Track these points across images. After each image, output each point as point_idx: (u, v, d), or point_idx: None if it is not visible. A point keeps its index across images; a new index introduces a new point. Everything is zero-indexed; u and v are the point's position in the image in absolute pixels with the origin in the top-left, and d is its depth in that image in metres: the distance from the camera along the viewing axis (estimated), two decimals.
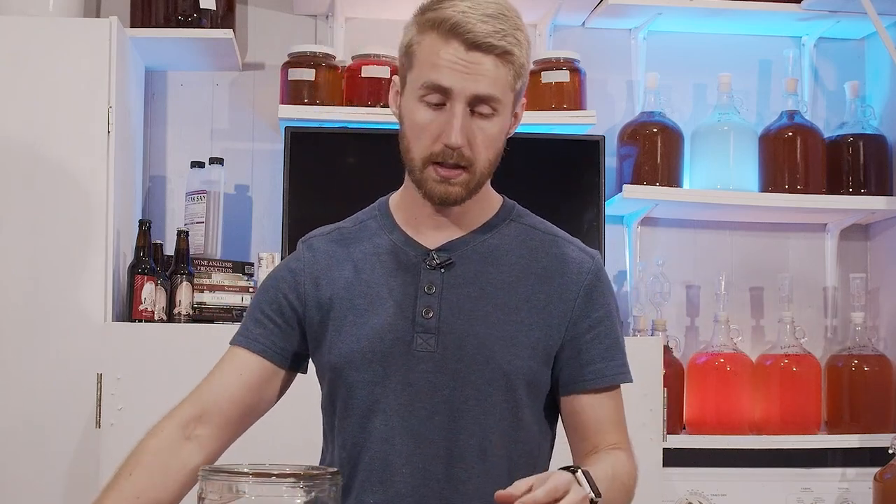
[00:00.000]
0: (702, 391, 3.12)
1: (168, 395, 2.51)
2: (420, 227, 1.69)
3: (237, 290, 2.88)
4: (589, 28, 3.33)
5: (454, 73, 1.56)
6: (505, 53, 1.57)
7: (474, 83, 1.56)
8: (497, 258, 1.67)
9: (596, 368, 1.66)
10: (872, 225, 3.37)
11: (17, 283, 2.67)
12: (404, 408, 1.62)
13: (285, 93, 3.06)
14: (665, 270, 3.18)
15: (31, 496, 2.62)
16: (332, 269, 1.70)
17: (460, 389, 1.61)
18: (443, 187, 1.60)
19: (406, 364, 1.62)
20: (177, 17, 2.99)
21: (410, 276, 1.66)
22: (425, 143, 1.59)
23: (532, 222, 1.73)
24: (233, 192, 3.19)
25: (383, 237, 1.70)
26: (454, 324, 1.63)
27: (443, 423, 1.61)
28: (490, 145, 1.61)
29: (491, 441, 1.62)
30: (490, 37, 1.55)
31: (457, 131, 1.56)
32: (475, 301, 1.64)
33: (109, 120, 2.72)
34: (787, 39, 3.37)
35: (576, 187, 3.06)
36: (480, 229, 1.69)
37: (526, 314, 1.64)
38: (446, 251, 1.67)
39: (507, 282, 1.66)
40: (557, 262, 1.68)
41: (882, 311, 3.30)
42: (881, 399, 3.14)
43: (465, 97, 1.56)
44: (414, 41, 1.61)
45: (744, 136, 3.21)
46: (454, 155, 1.58)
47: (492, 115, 1.59)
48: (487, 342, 1.62)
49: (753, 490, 3.09)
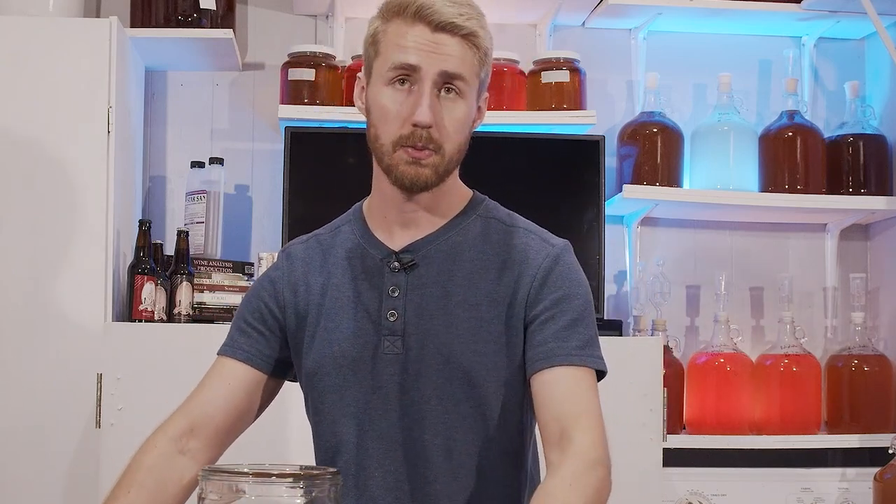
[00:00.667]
0: (702, 391, 3.12)
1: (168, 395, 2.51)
2: (390, 226, 1.68)
3: (237, 290, 2.88)
4: (589, 28, 3.33)
5: (421, 52, 1.57)
6: (470, 35, 1.58)
7: (442, 61, 1.57)
8: (459, 255, 1.66)
9: (547, 348, 1.59)
10: (872, 225, 3.37)
11: (16, 283, 2.67)
12: (374, 411, 1.62)
13: (285, 93, 3.06)
14: (665, 270, 3.18)
15: (31, 496, 2.63)
16: (308, 277, 1.70)
17: (423, 390, 1.61)
18: (413, 169, 1.59)
19: (374, 368, 1.62)
20: (177, 17, 2.99)
21: (376, 279, 1.66)
22: (394, 126, 1.59)
23: (498, 215, 1.71)
24: (233, 192, 3.19)
25: (354, 241, 1.70)
26: (418, 325, 1.62)
27: (409, 425, 1.61)
28: (458, 129, 1.61)
29: (456, 440, 1.61)
30: (455, 18, 1.57)
31: (425, 108, 1.57)
32: (438, 300, 1.63)
33: (109, 120, 2.72)
34: (787, 39, 3.37)
35: (576, 187, 3.06)
36: (445, 227, 1.68)
37: (486, 309, 1.62)
38: (410, 252, 1.66)
39: (469, 278, 1.64)
40: (517, 252, 1.65)
41: (882, 311, 3.30)
42: (881, 399, 3.14)
43: (432, 75, 1.57)
44: (379, 30, 1.62)
45: (744, 136, 3.21)
46: (423, 135, 1.58)
47: (458, 97, 1.60)
48: (448, 341, 1.61)
49: (753, 490, 3.09)
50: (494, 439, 1.63)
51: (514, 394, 1.64)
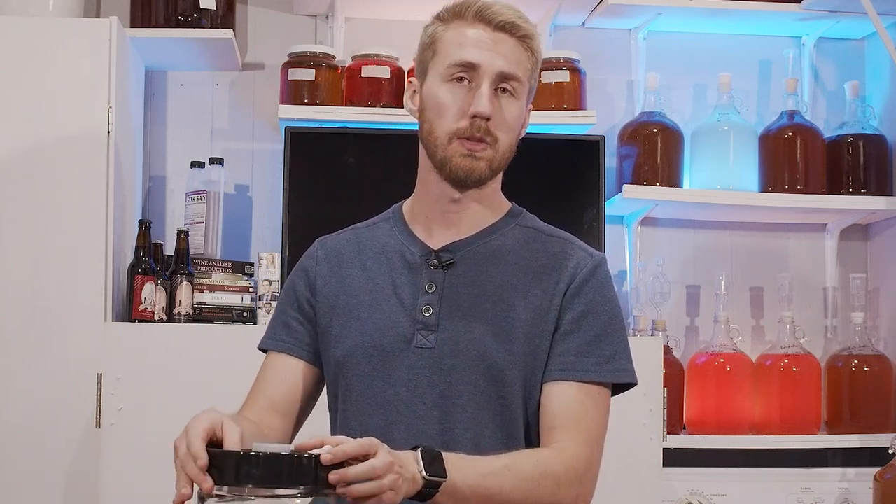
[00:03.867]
0: (702, 391, 3.12)
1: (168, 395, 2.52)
2: (430, 226, 1.72)
3: (237, 290, 2.88)
4: (589, 28, 3.33)
5: (481, 50, 1.64)
6: (527, 37, 1.67)
7: (501, 59, 1.64)
8: (498, 259, 1.70)
9: (567, 361, 1.64)
10: (872, 225, 3.37)
11: (17, 283, 2.67)
12: (403, 403, 1.64)
13: (285, 93, 3.06)
14: (665, 270, 3.18)
15: (31, 496, 2.63)
16: (342, 268, 1.75)
17: (455, 385, 1.63)
18: (468, 161, 1.64)
19: (405, 360, 1.65)
20: (177, 17, 2.99)
21: (414, 275, 1.69)
22: (451, 120, 1.64)
23: (537, 226, 1.77)
24: (233, 192, 3.19)
25: (393, 237, 1.75)
26: (452, 321, 1.65)
27: (439, 418, 1.63)
28: (510, 127, 1.67)
29: (485, 435, 1.63)
30: (514, 19, 1.66)
31: (485, 100, 1.62)
32: (474, 299, 1.67)
33: (109, 120, 2.72)
34: (787, 39, 3.37)
35: (576, 187, 3.06)
36: (485, 231, 1.72)
37: (521, 311, 1.66)
38: (449, 251, 1.70)
39: (507, 280, 1.68)
40: (556, 260, 1.70)
41: (882, 311, 3.30)
42: (881, 399, 3.14)
43: (492, 72, 1.63)
44: (438, 32, 1.68)
45: (744, 136, 3.21)
46: (482, 127, 1.63)
47: (512, 97, 1.66)
48: (482, 338, 1.64)
49: (753, 490, 3.09)
50: (518, 438, 1.65)
51: (538, 396, 1.67)
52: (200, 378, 2.62)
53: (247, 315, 2.86)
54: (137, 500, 2.56)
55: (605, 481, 1.69)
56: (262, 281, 2.86)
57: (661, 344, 2.82)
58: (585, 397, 1.64)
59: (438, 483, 1.45)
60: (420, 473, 1.44)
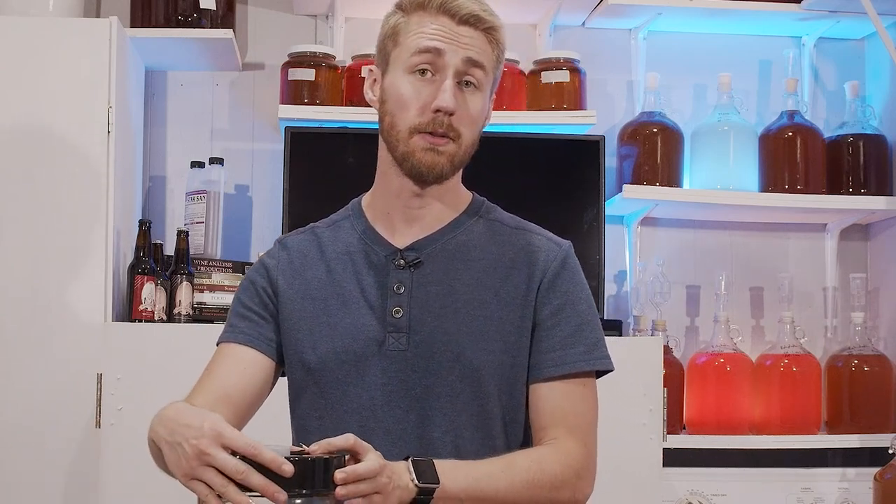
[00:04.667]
0: (702, 391, 3.12)
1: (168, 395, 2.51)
2: (393, 223, 1.69)
3: (237, 290, 2.88)
4: (589, 28, 3.33)
5: (445, 40, 1.60)
6: (491, 29, 1.63)
7: (465, 49, 1.61)
8: (465, 255, 1.68)
9: (555, 356, 1.64)
10: (872, 225, 3.37)
11: (17, 283, 2.67)
12: (379, 407, 1.62)
13: (285, 93, 3.06)
14: (665, 270, 3.17)
15: (31, 496, 2.63)
16: (305, 269, 1.71)
17: (431, 387, 1.62)
18: (430, 156, 1.61)
19: (379, 364, 1.63)
20: (177, 17, 2.99)
21: (380, 276, 1.67)
22: (412, 113, 1.61)
23: (500, 217, 1.74)
24: (233, 192, 3.19)
25: (354, 236, 1.71)
26: (424, 322, 1.63)
27: (416, 421, 1.62)
28: (473, 121, 1.64)
29: (464, 437, 1.62)
30: (478, 12, 1.62)
31: (448, 94, 1.59)
32: (444, 298, 1.64)
33: (109, 120, 2.72)
34: (787, 39, 3.37)
35: (576, 187, 3.06)
36: (449, 226, 1.70)
37: (495, 308, 1.64)
38: (414, 250, 1.67)
39: (476, 277, 1.66)
40: (524, 253, 1.68)
41: (882, 311, 3.30)
42: (881, 399, 3.14)
43: (455, 62, 1.60)
44: (400, 23, 1.64)
45: (744, 136, 3.21)
46: (444, 122, 1.60)
47: (476, 89, 1.63)
48: (457, 338, 1.62)
49: (753, 490, 3.09)
50: (499, 437, 1.64)
51: (519, 393, 1.66)
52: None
53: None
54: (137, 500, 2.56)
55: (604, 481, 1.69)
56: None
57: (661, 344, 2.82)
58: (575, 390, 1.64)
59: (432, 490, 1.45)
60: (413, 482, 1.44)
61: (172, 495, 1.61)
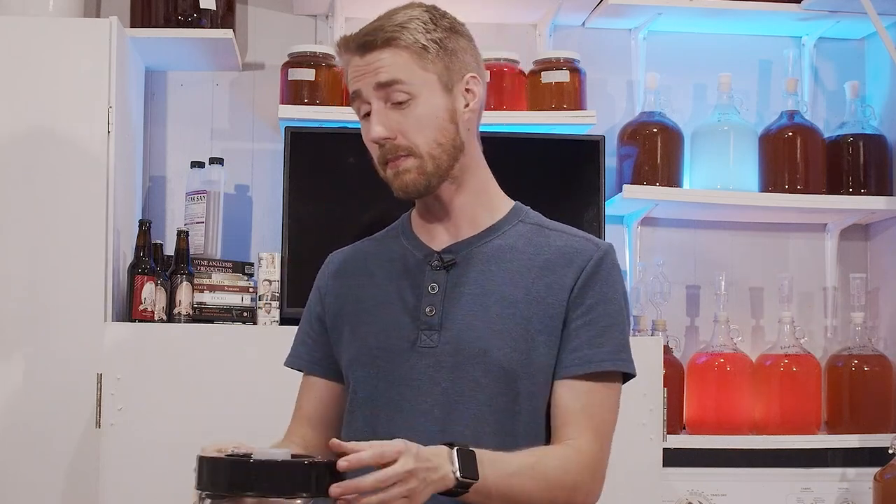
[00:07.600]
0: (702, 391, 3.12)
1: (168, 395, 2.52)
2: (432, 230, 1.75)
3: (237, 290, 2.88)
4: (589, 28, 3.33)
5: (358, 78, 1.67)
6: (390, 40, 1.66)
7: (374, 77, 1.65)
8: (501, 256, 1.71)
9: (581, 354, 1.65)
10: (872, 225, 3.37)
11: (17, 282, 2.67)
12: (406, 403, 1.66)
13: (285, 93, 3.06)
14: (665, 270, 3.18)
15: (31, 496, 2.62)
16: (348, 278, 1.79)
17: (457, 382, 1.64)
18: (399, 179, 1.68)
19: (409, 360, 1.67)
20: (177, 17, 2.99)
21: (416, 278, 1.72)
22: (372, 150, 1.70)
23: (541, 221, 1.78)
24: (233, 192, 3.19)
25: (398, 244, 1.78)
26: (455, 319, 1.66)
27: (442, 417, 1.64)
28: (421, 127, 1.66)
29: (486, 432, 1.63)
30: (367, 35, 1.67)
31: (374, 125, 1.66)
32: (477, 298, 1.68)
33: (109, 120, 2.72)
34: (787, 39, 3.37)
35: (576, 187, 3.05)
36: (487, 231, 1.74)
37: (525, 307, 1.66)
38: (450, 252, 1.72)
39: (509, 277, 1.69)
40: (561, 253, 1.71)
41: (882, 311, 3.30)
42: (881, 399, 3.14)
43: (371, 93, 1.66)
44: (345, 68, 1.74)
45: (744, 136, 3.21)
46: (389, 147, 1.67)
47: (409, 99, 1.65)
48: (484, 335, 1.65)
49: (753, 490, 3.09)
50: (522, 434, 1.66)
51: (544, 391, 1.67)
52: (200, 378, 2.62)
53: (247, 315, 2.86)
54: (137, 500, 2.56)
55: (605, 481, 1.69)
56: (262, 281, 2.86)
57: (661, 344, 2.82)
58: (599, 390, 1.66)
59: (470, 484, 1.47)
60: (454, 474, 1.46)
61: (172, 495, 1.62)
